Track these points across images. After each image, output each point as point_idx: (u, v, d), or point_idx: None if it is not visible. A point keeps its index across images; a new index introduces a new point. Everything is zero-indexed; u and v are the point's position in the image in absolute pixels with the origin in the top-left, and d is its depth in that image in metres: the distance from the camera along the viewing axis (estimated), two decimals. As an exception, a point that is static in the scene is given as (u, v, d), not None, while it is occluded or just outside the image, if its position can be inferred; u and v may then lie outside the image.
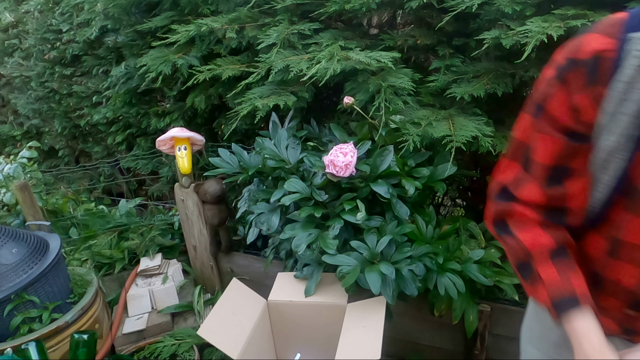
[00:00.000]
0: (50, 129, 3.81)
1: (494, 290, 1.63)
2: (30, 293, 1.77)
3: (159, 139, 2.06)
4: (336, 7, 1.74)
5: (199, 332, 1.48)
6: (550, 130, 0.75)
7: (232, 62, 1.98)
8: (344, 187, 1.60)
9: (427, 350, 1.82)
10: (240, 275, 2.14)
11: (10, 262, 1.77)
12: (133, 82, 2.62)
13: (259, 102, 1.75)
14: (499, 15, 1.55)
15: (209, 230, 2.15)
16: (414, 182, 1.55)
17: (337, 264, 1.52)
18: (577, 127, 0.72)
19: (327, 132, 1.89)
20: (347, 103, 1.64)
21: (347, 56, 1.62)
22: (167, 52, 2.10)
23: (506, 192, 0.83)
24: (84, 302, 1.91)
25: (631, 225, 0.72)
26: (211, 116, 2.51)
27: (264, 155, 1.76)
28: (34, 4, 3.44)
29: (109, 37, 2.80)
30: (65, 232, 2.55)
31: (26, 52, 3.66)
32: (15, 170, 2.65)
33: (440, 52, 1.76)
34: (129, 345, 2.02)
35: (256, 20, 1.99)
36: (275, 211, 1.71)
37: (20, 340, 1.69)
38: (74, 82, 3.31)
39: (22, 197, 2.16)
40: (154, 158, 2.85)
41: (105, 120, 3.11)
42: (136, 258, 2.36)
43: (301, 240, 1.55)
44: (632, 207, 0.71)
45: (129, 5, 2.40)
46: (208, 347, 1.91)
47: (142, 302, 2.15)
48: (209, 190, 2.00)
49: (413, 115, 1.64)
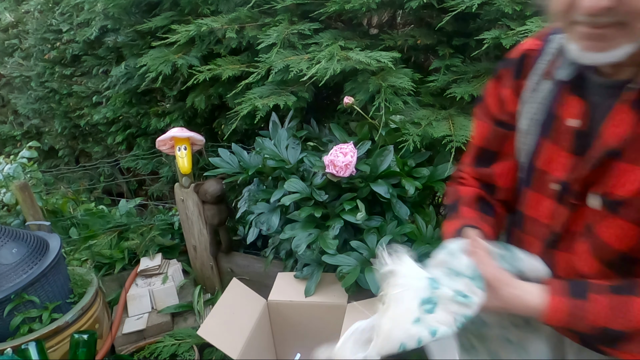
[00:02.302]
0: (50, 129, 3.81)
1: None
2: (30, 293, 1.77)
3: (159, 139, 2.06)
4: (336, 7, 1.74)
5: (199, 332, 1.48)
6: (483, 117, 0.89)
7: (232, 62, 1.98)
8: (344, 187, 1.60)
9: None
10: (240, 275, 2.13)
11: (10, 262, 1.77)
12: (133, 82, 2.61)
13: (259, 102, 1.75)
14: (499, 15, 1.55)
15: (209, 230, 2.15)
16: (414, 182, 1.55)
17: (337, 264, 1.52)
18: (502, 116, 0.85)
19: (327, 132, 1.89)
20: (347, 103, 1.64)
21: (347, 56, 1.62)
22: (167, 52, 2.10)
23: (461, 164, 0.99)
24: (84, 302, 1.91)
25: (530, 200, 0.81)
26: (211, 116, 2.51)
27: (264, 155, 1.76)
28: (34, 4, 3.44)
29: (109, 37, 2.80)
30: (65, 232, 2.55)
31: (26, 52, 3.66)
32: (15, 170, 2.65)
33: (440, 52, 1.76)
34: (129, 345, 2.02)
35: (256, 20, 1.99)
36: (275, 211, 1.71)
37: (20, 340, 1.69)
38: (74, 82, 3.31)
39: (22, 197, 2.16)
40: (154, 158, 2.85)
41: (105, 120, 3.10)
42: (136, 258, 2.36)
43: (301, 240, 1.55)
44: (530, 182, 0.81)
45: (129, 5, 2.40)
46: (208, 347, 1.91)
47: (142, 302, 2.15)
48: (209, 190, 2.00)
49: (413, 115, 1.64)
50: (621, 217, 0.66)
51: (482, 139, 0.89)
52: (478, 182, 0.93)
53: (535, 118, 0.78)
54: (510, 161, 0.86)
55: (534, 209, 0.81)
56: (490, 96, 0.87)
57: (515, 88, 0.81)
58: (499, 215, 0.91)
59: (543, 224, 0.79)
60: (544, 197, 0.78)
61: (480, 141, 0.90)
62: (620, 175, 0.65)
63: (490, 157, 0.89)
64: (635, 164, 0.64)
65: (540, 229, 0.80)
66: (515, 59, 0.81)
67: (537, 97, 0.77)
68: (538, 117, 0.78)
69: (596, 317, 0.67)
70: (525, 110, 0.80)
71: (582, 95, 0.70)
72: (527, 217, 0.83)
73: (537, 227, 0.81)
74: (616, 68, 0.65)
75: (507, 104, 0.83)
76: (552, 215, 0.77)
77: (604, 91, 0.68)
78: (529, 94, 0.79)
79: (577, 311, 0.68)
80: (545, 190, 0.78)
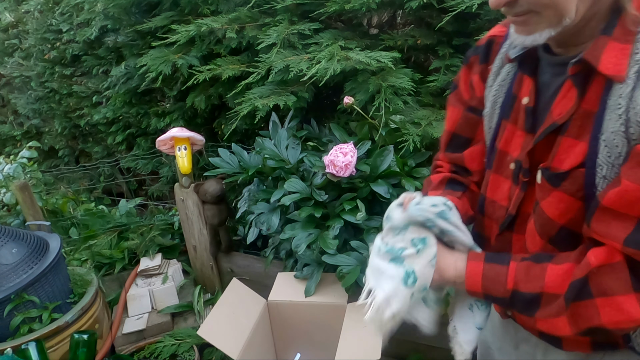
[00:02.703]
0: (50, 129, 3.81)
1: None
2: (30, 293, 1.77)
3: (159, 139, 2.06)
4: (336, 7, 1.74)
5: (199, 332, 1.48)
6: (455, 103, 0.91)
7: (232, 62, 1.98)
8: (344, 187, 1.60)
9: (427, 350, 1.82)
10: (240, 275, 2.13)
11: (10, 262, 1.77)
12: (133, 82, 2.61)
13: (259, 102, 1.75)
14: (499, 15, 1.54)
15: (209, 230, 2.15)
16: (414, 182, 1.55)
17: (337, 264, 1.52)
18: (472, 102, 0.87)
19: (327, 132, 1.89)
20: (347, 103, 1.64)
21: (347, 56, 1.62)
22: (167, 52, 2.10)
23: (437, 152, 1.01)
24: (84, 302, 1.91)
25: (491, 182, 0.83)
26: (211, 116, 2.51)
27: (264, 155, 1.76)
28: (34, 4, 3.44)
29: (109, 37, 2.80)
30: (65, 232, 2.55)
31: (26, 52, 3.66)
32: (15, 170, 2.65)
33: (440, 52, 1.76)
34: (129, 345, 2.02)
35: (256, 20, 1.99)
36: (275, 211, 1.71)
37: (20, 340, 1.69)
38: (74, 82, 3.30)
39: (22, 197, 2.16)
40: (154, 158, 2.85)
41: (105, 120, 3.10)
42: (136, 258, 2.36)
43: (301, 240, 1.55)
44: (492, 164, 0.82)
45: (129, 5, 2.40)
46: (208, 347, 1.91)
47: (142, 302, 2.15)
48: (209, 190, 2.00)
49: (413, 115, 1.64)
50: (562, 190, 0.67)
51: (454, 124, 0.91)
52: (452, 167, 0.95)
53: (497, 100, 0.80)
54: (478, 146, 0.89)
55: (494, 191, 0.82)
56: (461, 82, 0.89)
57: (481, 73, 0.84)
58: (473, 192, 0.92)
59: (501, 206, 0.80)
60: (502, 178, 0.80)
61: (452, 127, 0.92)
62: (563, 149, 0.67)
63: (462, 142, 0.91)
64: (577, 138, 0.65)
65: (498, 211, 0.81)
66: (482, 45, 0.84)
67: (499, 80, 0.80)
68: (500, 99, 0.80)
69: (510, 279, 0.70)
70: (489, 93, 0.82)
71: (532, 74, 0.73)
72: (487, 199, 0.84)
73: (496, 209, 0.82)
74: (564, 47, 0.68)
75: (475, 89, 0.86)
76: (509, 197, 0.78)
77: (555, 69, 0.70)
78: (492, 78, 0.81)
79: (492, 274, 0.72)
80: (504, 171, 0.79)
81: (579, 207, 0.67)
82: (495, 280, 0.71)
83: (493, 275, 0.72)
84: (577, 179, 0.66)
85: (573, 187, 0.66)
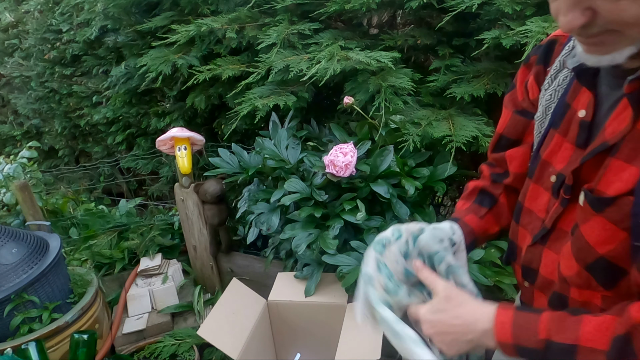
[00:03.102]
0: (50, 129, 3.81)
1: (494, 290, 1.63)
2: (30, 293, 1.77)
3: (159, 139, 2.06)
4: (336, 7, 1.74)
5: (199, 332, 1.48)
6: (508, 104, 0.87)
7: (232, 62, 1.98)
8: (344, 187, 1.60)
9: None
10: (240, 275, 2.13)
11: (10, 262, 1.77)
12: (133, 82, 2.61)
13: (259, 102, 1.75)
14: (499, 15, 1.55)
15: (209, 230, 2.15)
16: (414, 182, 1.55)
17: (337, 264, 1.52)
18: (524, 103, 0.83)
19: (327, 132, 1.89)
20: (347, 103, 1.64)
21: (347, 56, 1.62)
22: (167, 52, 2.10)
23: None
24: (84, 302, 1.91)
25: (530, 191, 0.79)
26: (211, 116, 2.51)
27: (264, 155, 1.76)
28: (34, 4, 3.44)
29: (109, 37, 2.80)
30: (65, 232, 2.55)
31: (26, 52, 3.66)
32: (15, 170, 2.65)
33: (440, 52, 1.76)
34: (129, 345, 2.02)
35: (256, 20, 1.99)
36: (275, 211, 1.71)
37: (20, 340, 1.69)
38: (74, 82, 3.31)
39: (22, 197, 2.16)
40: (154, 158, 2.85)
41: (105, 120, 3.11)
42: (136, 258, 2.36)
43: (301, 240, 1.55)
44: (533, 173, 0.78)
45: (129, 5, 2.40)
46: (208, 347, 1.91)
47: (142, 302, 2.15)
48: (209, 190, 2.00)
49: (413, 115, 1.64)
50: (605, 217, 0.62)
51: (503, 126, 0.88)
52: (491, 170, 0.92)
53: (550, 106, 0.75)
54: (525, 148, 0.84)
55: (532, 201, 0.78)
56: (518, 82, 0.85)
57: (537, 75, 0.80)
58: (501, 205, 0.90)
59: (538, 217, 0.77)
60: (542, 189, 0.76)
61: (501, 128, 0.89)
62: (612, 172, 0.61)
63: (508, 144, 0.87)
64: (628, 162, 0.59)
65: (534, 222, 0.78)
66: (543, 45, 0.79)
67: (554, 85, 0.75)
68: (552, 105, 0.75)
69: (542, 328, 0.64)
70: (543, 97, 0.77)
71: (590, 85, 0.67)
72: (525, 208, 0.80)
73: (532, 220, 0.78)
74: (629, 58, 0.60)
75: (529, 91, 0.82)
76: (547, 210, 0.74)
77: (614, 81, 0.64)
78: (549, 82, 0.76)
79: (523, 322, 0.65)
80: (544, 182, 0.75)
81: (623, 238, 0.60)
82: (526, 327, 0.65)
83: (524, 323, 0.65)
84: (623, 207, 0.59)
85: (618, 215, 0.60)
